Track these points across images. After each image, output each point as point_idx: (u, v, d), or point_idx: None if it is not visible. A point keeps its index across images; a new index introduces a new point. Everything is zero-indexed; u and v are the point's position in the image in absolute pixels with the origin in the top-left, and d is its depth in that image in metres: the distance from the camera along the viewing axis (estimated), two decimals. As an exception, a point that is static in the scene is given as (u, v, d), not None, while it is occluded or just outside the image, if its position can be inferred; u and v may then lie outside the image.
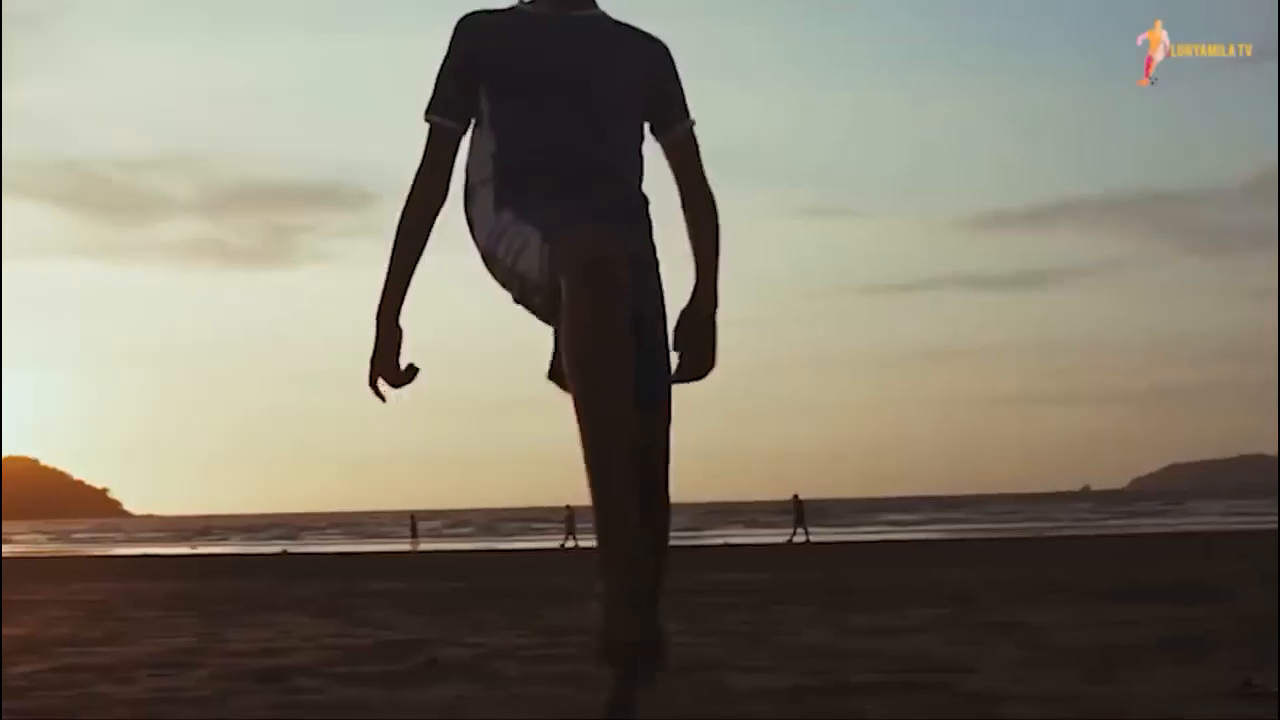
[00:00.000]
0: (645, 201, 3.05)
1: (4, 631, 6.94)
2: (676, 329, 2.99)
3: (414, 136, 3.03)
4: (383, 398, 2.91)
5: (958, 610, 7.26)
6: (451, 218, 3.04)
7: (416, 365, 2.91)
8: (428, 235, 3.00)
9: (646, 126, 3.08)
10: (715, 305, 3.05)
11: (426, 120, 3.01)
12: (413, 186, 3.00)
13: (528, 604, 8.89)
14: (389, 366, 2.91)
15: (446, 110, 2.99)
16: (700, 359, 2.99)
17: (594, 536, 2.59)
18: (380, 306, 2.94)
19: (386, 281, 2.95)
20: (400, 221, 2.98)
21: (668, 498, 2.95)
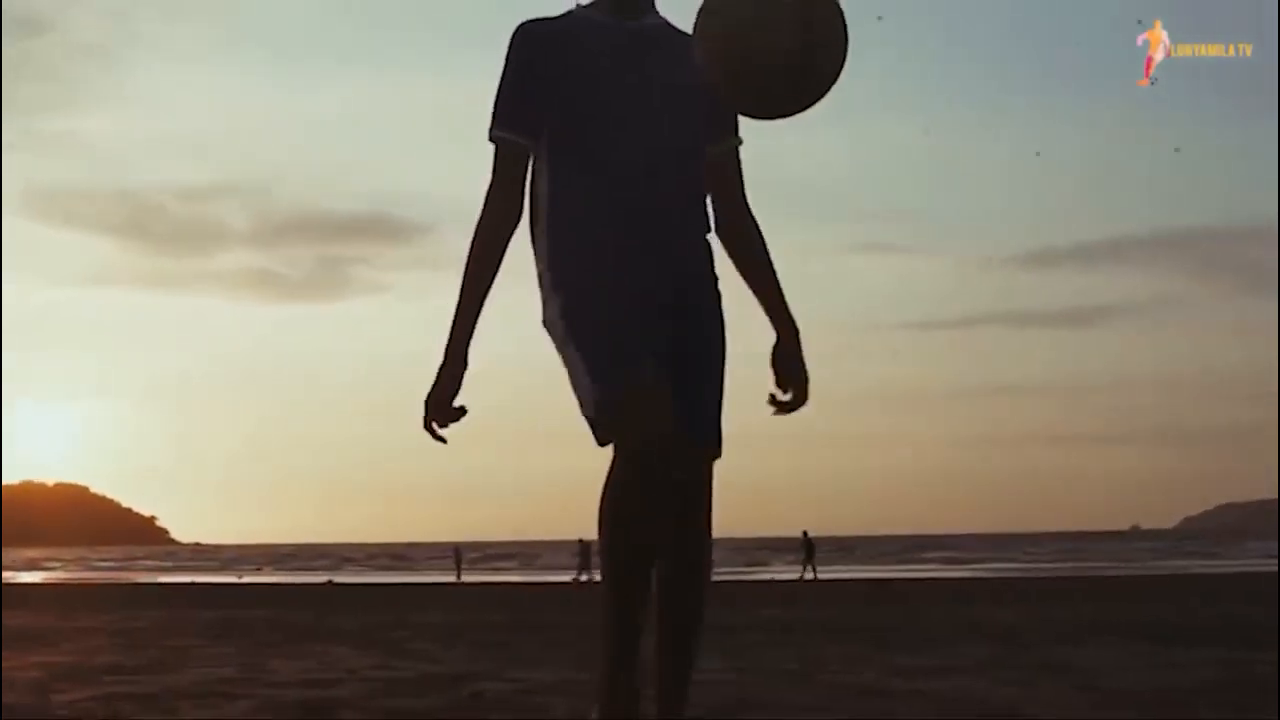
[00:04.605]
0: (707, 236, 2.94)
1: (49, 659, 6.95)
2: (775, 368, 2.98)
3: (466, 169, 2.96)
4: (442, 439, 2.81)
5: (1006, 650, 7.14)
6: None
7: (465, 406, 2.81)
8: (500, 260, 2.86)
9: None
10: (798, 333, 2.99)
11: (491, 139, 2.85)
12: (483, 210, 2.84)
13: (572, 638, 8.82)
14: (444, 404, 2.79)
15: (512, 125, 2.83)
16: (800, 394, 2.98)
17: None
18: (450, 338, 2.82)
19: (457, 311, 2.82)
20: (471, 247, 2.83)
21: (710, 535, 2.89)
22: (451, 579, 41.85)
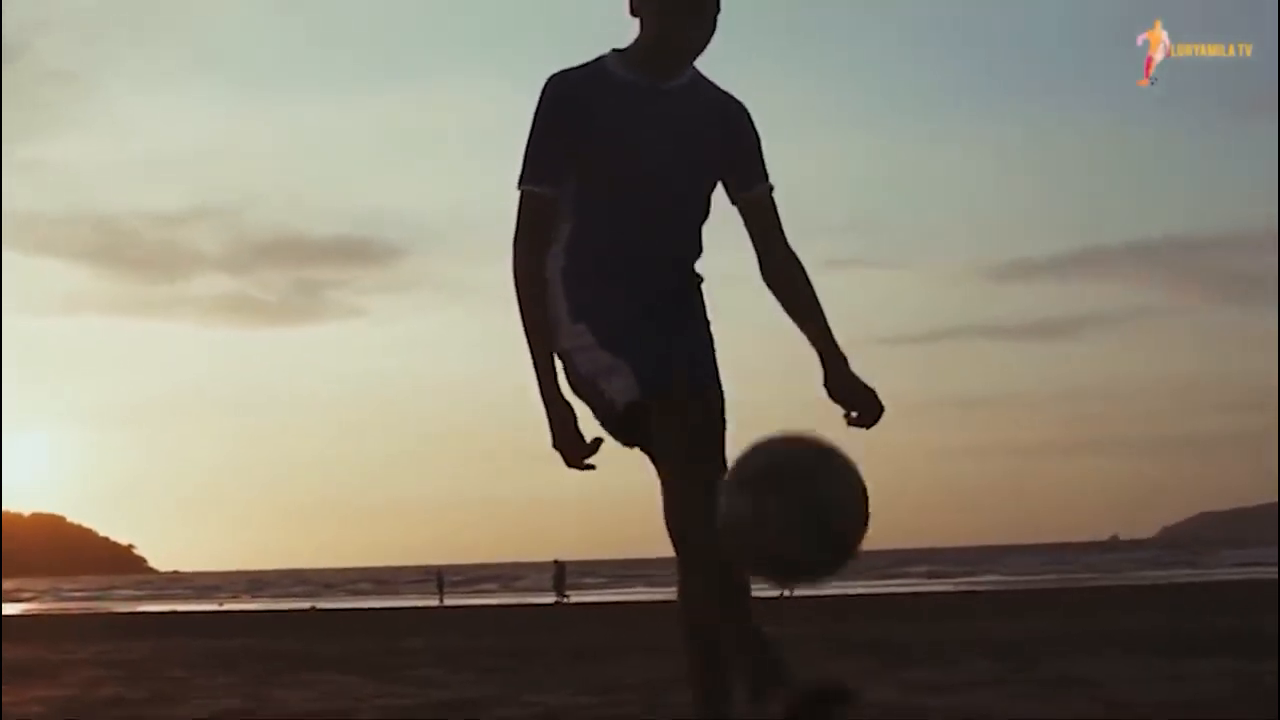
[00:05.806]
0: (701, 279, 3.09)
1: (50, 693, 6.88)
2: (835, 397, 3.02)
3: (442, 192, 2.97)
4: (591, 466, 2.90)
5: (1014, 665, 7.11)
6: (493, 268, 3.01)
7: (600, 438, 2.90)
8: (546, 302, 2.97)
9: (719, 187, 3.07)
10: (846, 360, 3.04)
11: (521, 189, 2.95)
12: (517, 263, 2.95)
13: (569, 661, 8.77)
14: (575, 443, 2.88)
15: (541, 178, 2.93)
16: (871, 405, 3.02)
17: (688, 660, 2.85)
18: (541, 389, 2.92)
19: (535, 364, 2.93)
20: (520, 301, 2.94)
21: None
22: (435, 603, 41.62)
